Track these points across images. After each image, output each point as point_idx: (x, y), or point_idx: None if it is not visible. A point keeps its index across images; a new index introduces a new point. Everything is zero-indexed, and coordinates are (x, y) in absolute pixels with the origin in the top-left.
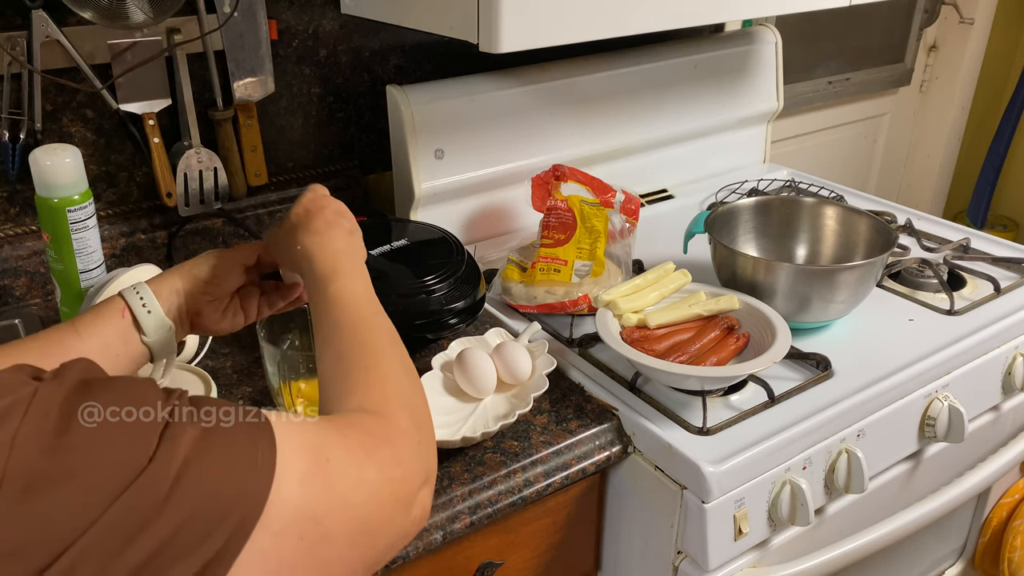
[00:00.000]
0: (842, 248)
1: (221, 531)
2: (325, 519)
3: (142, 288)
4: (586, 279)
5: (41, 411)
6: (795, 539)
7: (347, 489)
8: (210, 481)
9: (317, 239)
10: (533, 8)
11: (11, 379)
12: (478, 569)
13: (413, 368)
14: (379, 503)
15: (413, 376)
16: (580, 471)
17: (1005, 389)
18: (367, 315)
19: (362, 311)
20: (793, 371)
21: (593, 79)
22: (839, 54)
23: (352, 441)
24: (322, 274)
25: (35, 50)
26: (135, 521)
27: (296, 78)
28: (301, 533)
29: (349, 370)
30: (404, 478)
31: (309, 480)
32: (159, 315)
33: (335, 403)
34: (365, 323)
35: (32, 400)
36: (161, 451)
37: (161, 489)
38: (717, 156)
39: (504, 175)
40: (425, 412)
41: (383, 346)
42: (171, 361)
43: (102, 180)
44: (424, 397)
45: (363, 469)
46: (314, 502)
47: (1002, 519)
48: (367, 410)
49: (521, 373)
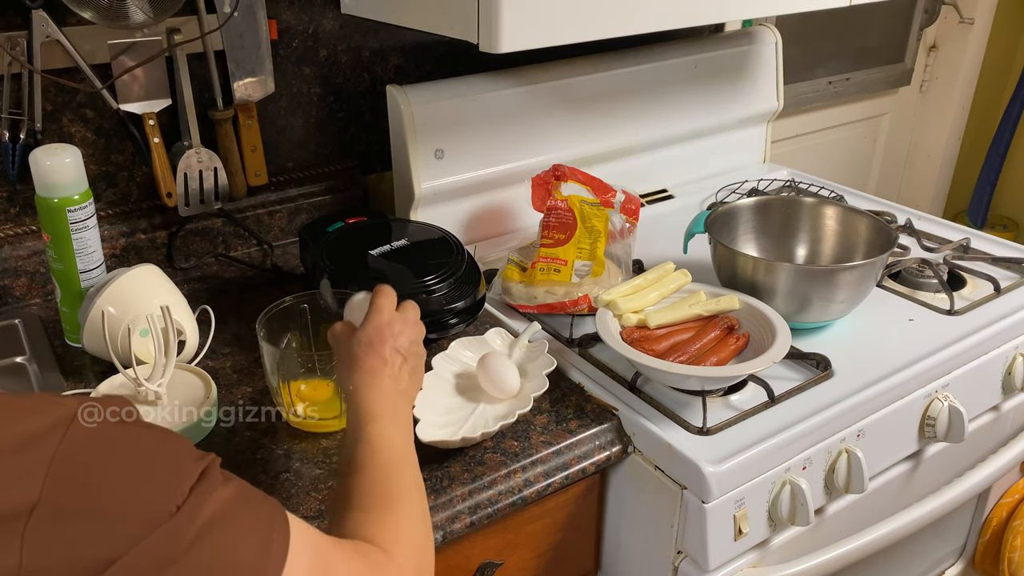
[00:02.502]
0: (842, 248)
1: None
2: None
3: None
4: (586, 279)
5: (81, 434)
6: (795, 539)
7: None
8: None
9: (367, 379)
10: (533, 8)
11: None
12: (478, 569)
13: (427, 514)
14: None
15: (426, 523)
16: (580, 471)
17: (1005, 389)
18: (397, 462)
19: (394, 457)
20: (793, 371)
21: (593, 79)
22: (839, 54)
23: (355, 567)
24: (364, 415)
25: (35, 50)
26: (151, 566)
27: (296, 78)
28: None
29: (371, 505)
30: None
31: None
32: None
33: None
34: (395, 469)
35: (72, 422)
36: (189, 504)
37: (182, 543)
38: (717, 156)
39: (504, 175)
40: (429, 559)
41: (406, 492)
42: (171, 361)
43: (102, 180)
44: (431, 544)
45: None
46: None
47: (1002, 519)
48: (377, 545)
49: (509, 388)
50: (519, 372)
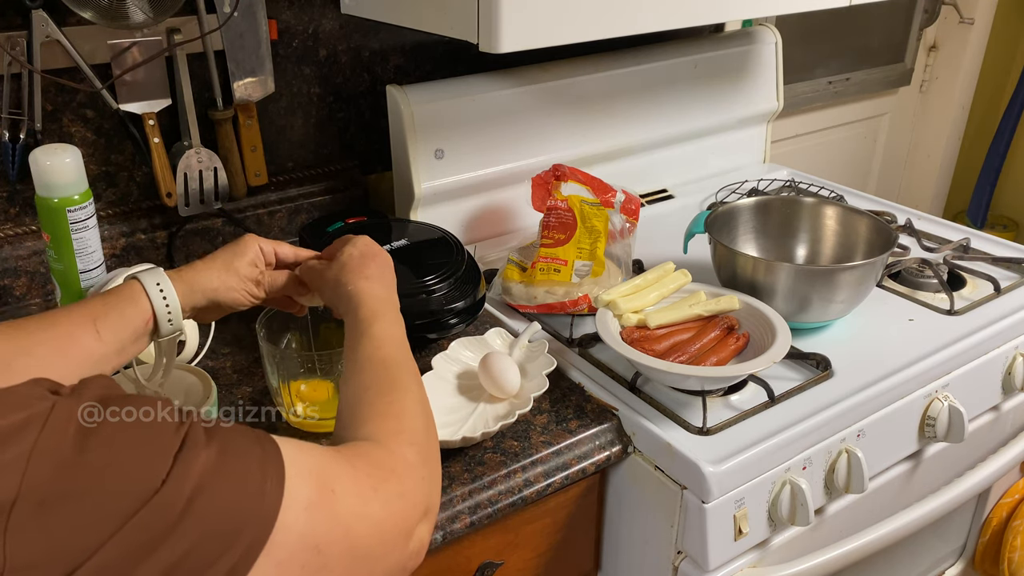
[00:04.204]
0: (842, 248)
1: (229, 555)
2: (327, 549)
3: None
4: (586, 279)
5: (58, 427)
6: (795, 539)
7: (351, 521)
8: (220, 506)
9: (367, 284)
10: (533, 8)
11: (29, 393)
12: (478, 569)
13: (429, 405)
14: (380, 535)
15: (428, 413)
16: (580, 471)
17: (1005, 389)
18: (396, 355)
19: (394, 351)
20: (793, 371)
21: (593, 79)
22: (839, 54)
23: (360, 472)
24: (367, 316)
25: (35, 50)
26: (146, 542)
27: (296, 78)
28: (303, 562)
29: (372, 400)
30: (406, 511)
31: (314, 509)
32: (179, 324)
33: (350, 429)
34: (395, 362)
35: (49, 416)
36: (175, 473)
37: (174, 510)
38: (717, 156)
39: (504, 175)
40: (434, 448)
41: (406, 383)
42: (171, 361)
43: (102, 180)
44: (435, 434)
45: (368, 501)
46: (317, 531)
47: (1002, 519)
48: (378, 440)
49: (511, 387)
50: (519, 372)
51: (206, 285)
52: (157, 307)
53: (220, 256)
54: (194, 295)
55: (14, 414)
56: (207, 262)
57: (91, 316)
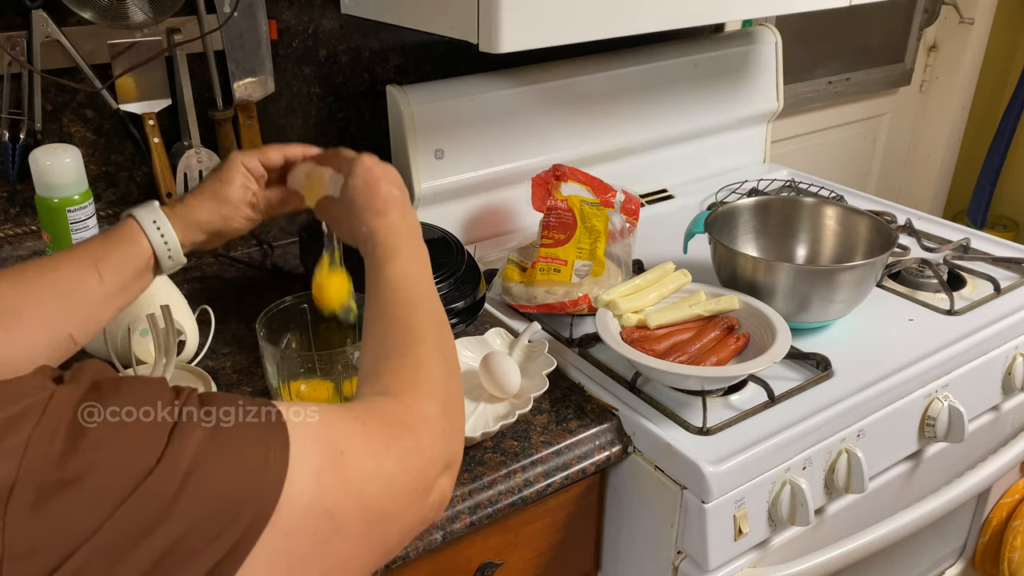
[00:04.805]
0: (842, 248)
1: (231, 531)
2: (339, 513)
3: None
4: (586, 279)
5: (55, 415)
6: (795, 539)
7: (362, 482)
8: (219, 481)
9: (381, 221)
10: (533, 8)
11: (30, 383)
12: (478, 569)
13: (453, 351)
14: (394, 493)
15: (449, 360)
16: (580, 471)
17: (1005, 389)
18: (415, 298)
19: (411, 294)
20: (793, 371)
21: (593, 79)
22: (839, 54)
23: (371, 430)
24: (383, 256)
25: (35, 50)
26: (143, 522)
27: (296, 78)
28: (315, 529)
29: (389, 353)
30: (423, 467)
31: (323, 474)
32: (180, 260)
33: (366, 384)
34: (413, 306)
35: (47, 404)
36: (169, 451)
37: (169, 490)
38: (717, 156)
39: (504, 175)
40: (456, 397)
41: (425, 330)
42: (171, 361)
43: (102, 180)
44: (457, 383)
45: (380, 461)
46: (327, 497)
47: (1002, 519)
48: (392, 394)
49: (511, 387)
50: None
51: (201, 219)
52: (157, 247)
53: (208, 186)
54: (192, 231)
55: (13, 406)
56: (197, 196)
57: (92, 258)
